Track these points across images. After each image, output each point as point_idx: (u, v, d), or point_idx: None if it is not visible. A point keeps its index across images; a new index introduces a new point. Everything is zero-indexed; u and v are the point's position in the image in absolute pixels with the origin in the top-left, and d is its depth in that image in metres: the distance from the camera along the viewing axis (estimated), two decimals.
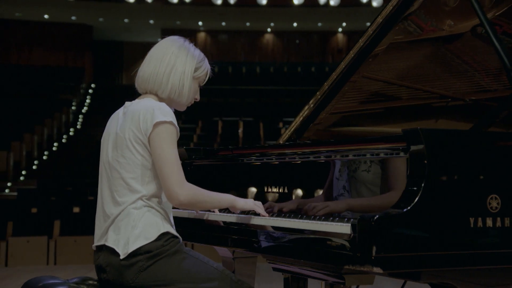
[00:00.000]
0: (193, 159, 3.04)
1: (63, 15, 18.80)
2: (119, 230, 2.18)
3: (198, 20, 19.72)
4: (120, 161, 2.23)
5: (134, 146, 2.21)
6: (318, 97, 3.03)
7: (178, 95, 2.32)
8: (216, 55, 20.56)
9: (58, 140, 14.87)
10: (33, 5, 17.53)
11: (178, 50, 2.34)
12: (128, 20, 19.59)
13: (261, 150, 2.68)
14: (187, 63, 2.33)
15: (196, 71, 2.36)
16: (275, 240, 2.18)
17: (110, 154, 2.27)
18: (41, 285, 2.22)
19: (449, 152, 1.91)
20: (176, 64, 2.31)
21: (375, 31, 2.84)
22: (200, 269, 2.18)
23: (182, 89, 2.32)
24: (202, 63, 2.39)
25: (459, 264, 1.88)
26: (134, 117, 2.22)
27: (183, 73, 2.31)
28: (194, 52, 2.37)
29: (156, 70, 2.30)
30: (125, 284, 2.16)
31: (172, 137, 2.18)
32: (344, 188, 2.22)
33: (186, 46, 2.37)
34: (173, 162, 2.15)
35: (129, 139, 2.21)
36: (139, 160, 2.20)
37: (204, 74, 2.40)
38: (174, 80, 2.30)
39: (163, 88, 2.30)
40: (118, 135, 2.25)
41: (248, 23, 19.85)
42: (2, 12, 18.46)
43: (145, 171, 2.21)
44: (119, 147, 2.24)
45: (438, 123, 3.39)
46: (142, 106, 2.23)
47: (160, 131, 2.16)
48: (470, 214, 1.89)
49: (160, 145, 2.16)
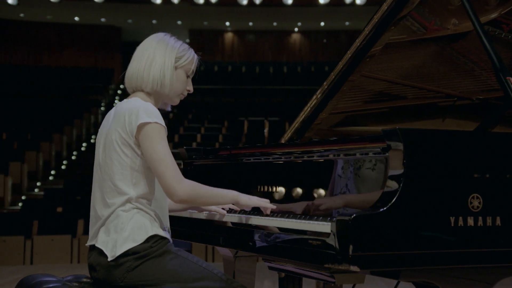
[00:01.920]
0: (194, 159, 3.05)
1: (93, 17, 19.07)
2: (109, 232, 2.21)
3: (225, 20, 19.78)
4: (108, 162, 2.25)
5: (120, 147, 2.23)
6: (318, 96, 3.04)
7: (161, 86, 2.33)
8: (243, 55, 20.61)
9: (87, 140, 15.10)
10: (64, 7, 17.82)
11: (157, 44, 2.36)
12: (156, 21, 19.76)
13: (258, 150, 2.70)
14: (167, 54, 2.34)
15: (178, 60, 2.37)
16: (261, 239, 2.19)
17: (101, 155, 2.30)
18: (35, 282, 2.25)
19: (428, 152, 1.91)
20: (156, 57, 2.33)
21: (371, 31, 2.83)
22: (188, 269, 2.20)
23: (163, 79, 2.32)
24: (185, 53, 2.39)
25: (440, 263, 1.88)
26: (120, 119, 2.24)
27: (163, 64, 2.33)
28: (175, 44, 2.38)
29: (138, 66, 2.34)
30: (114, 283, 2.19)
31: (160, 135, 2.19)
32: (346, 187, 2.22)
33: (165, 40, 2.38)
34: (166, 159, 2.17)
35: (115, 141, 2.23)
36: (125, 161, 2.22)
37: (188, 62, 2.40)
38: (155, 72, 2.32)
39: (145, 82, 2.32)
40: (107, 136, 2.29)
41: (275, 23, 19.84)
42: (34, 15, 18.82)
43: (132, 173, 2.22)
44: (107, 149, 2.27)
45: (445, 122, 3.36)
46: (127, 107, 2.25)
47: (147, 131, 2.18)
48: (451, 213, 1.88)
49: (150, 146, 2.18)
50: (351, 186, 2.17)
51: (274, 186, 2.53)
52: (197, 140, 13.17)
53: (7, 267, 7.64)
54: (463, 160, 1.96)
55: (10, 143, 12.94)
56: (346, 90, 3.05)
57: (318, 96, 3.04)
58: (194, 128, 14.39)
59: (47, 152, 13.22)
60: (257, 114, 15.42)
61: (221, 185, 2.78)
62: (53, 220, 8.49)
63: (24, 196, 11.46)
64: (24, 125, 14.15)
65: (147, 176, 2.25)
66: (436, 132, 1.98)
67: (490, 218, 1.93)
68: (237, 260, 2.95)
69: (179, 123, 14.91)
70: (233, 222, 2.46)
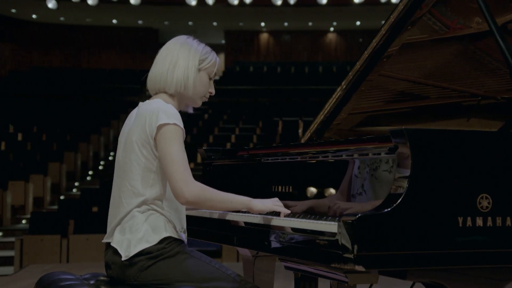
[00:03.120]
0: (212, 159, 3.07)
1: (130, 19, 19.35)
2: (124, 232, 2.24)
3: (260, 21, 19.82)
4: (127, 162, 2.28)
5: (139, 148, 2.25)
6: (337, 96, 3.03)
7: (184, 87, 2.35)
8: (278, 56, 20.61)
9: None
10: (102, 10, 18.13)
11: (180, 46, 2.37)
12: (192, 23, 19.94)
13: (272, 150, 2.71)
14: (190, 57, 2.36)
15: (202, 63, 2.38)
16: (270, 238, 2.21)
17: (121, 155, 2.34)
18: (53, 279, 2.31)
19: (435, 152, 1.89)
20: (179, 59, 2.35)
21: (388, 31, 2.82)
22: (201, 269, 2.22)
23: (187, 82, 2.34)
24: (208, 55, 2.40)
25: (447, 264, 1.87)
26: (141, 120, 2.27)
27: (186, 66, 2.35)
28: (198, 47, 2.40)
29: (161, 69, 2.36)
30: (128, 281, 2.23)
31: (177, 137, 2.21)
32: (362, 187, 2.21)
33: (188, 42, 2.40)
34: (177, 160, 2.18)
35: (135, 142, 2.26)
36: (143, 162, 2.25)
37: (211, 65, 2.41)
38: (178, 74, 2.34)
39: (169, 84, 2.34)
40: (127, 136, 2.31)
41: (310, 22, 19.79)
42: (73, 19, 19.21)
43: (149, 174, 2.25)
44: (127, 149, 2.30)
45: (470, 122, 3.30)
46: (149, 108, 2.28)
47: (164, 132, 2.20)
48: (459, 213, 1.87)
49: (165, 146, 2.20)
50: (360, 186, 2.16)
51: (286, 186, 2.54)
52: (231, 141, 13.22)
53: (44, 265, 7.80)
54: (471, 160, 1.94)
55: (49, 144, 13.23)
56: (365, 90, 3.03)
57: (337, 96, 3.04)
58: (228, 129, 14.45)
59: (85, 153, 13.47)
60: (292, 114, 15.39)
61: (239, 185, 2.86)
62: (88, 220, 8.64)
63: (63, 196, 11.70)
64: (63, 126, 14.44)
65: (163, 178, 2.27)
66: (443, 132, 1.97)
67: (500, 218, 1.91)
68: (256, 260, 2.95)
69: (213, 124, 14.99)
70: (245, 222, 2.48)
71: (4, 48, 19.26)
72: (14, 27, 19.21)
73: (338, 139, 2.45)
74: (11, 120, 14.73)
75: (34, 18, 19.29)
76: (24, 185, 11.08)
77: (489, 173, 1.95)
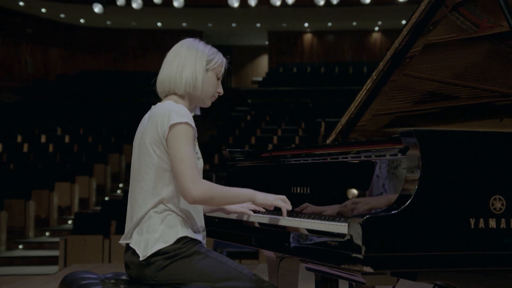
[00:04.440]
0: (237, 161, 3.08)
1: (175, 22, 19.57)
2: (142, 232, 2.28)
3: (304, 21, 19.75)
4: (142, 164, 2.32)
5: (153, 149, 2.29)
6: (361, 96, 2.99)
7: (193, 88, 2.38)
8: (322, 56, 20.50)
9: None
10: (146, 14, 18.38)
11: (187, 49, 2.42)
12: (235, 25, 20.02)
13: (298, 151, 2.71)
14: (197, 58, 2.40)
15: (209, 63, 2.42)
16: (284, 239, 2.22)
17: (135, 158, 2.38)
18: (76, 278, 2.38)
19: (446, 153, 1.88)
20: (187, 61, 2.39)
21: (410, 31, 2.77)
22: (217, 269, 2.24)
23: (196, 82, 2.38)
24: (214, 56, 2.44)
25: (458, 265, 1.86)
26: (153, 121, 2.31)
27: (194, 67, 2.38)
28: (204, 48, 2.43)
29: (169, 71, 2.40)
30: (146, 281, 2.27)
31: (187, 137, 2.24)
32: (383, 187, 2.19)
33: (195, 44, 2.44)
34: (186, 160, 2.21)
35: (149, 143, 2.30)
36: (157, 163, 2.28)
37: (218, 65, 2.44)
38: (187, 75, 2.38)
39: (178, 85, 2.39)
40: (141, 139, 2.36)
41: (354, 22, 19.60)
42: (119, 22, 19.57)
43: (164, 173, 2.28)
44: (141, 151, 2.34)
45: (503, 122, 3.20)
46: (161, 110, 2.32)
47: (175, 131, 2.24)
48: (471, 215, 1.86)
49: (175, 145, 2.23)
50: (373, 187, 2.16)
51: (304, 187, 2.54)
52: (273, 142, 13.20)
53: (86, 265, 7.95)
54: (484, 160, 1.91)
55: (95, 146, 13.50)
56: (389, 91, 2.99)
57: (361, 97, 3.00)
58: (271, 130, 14.42)
59: (129, 155, 13.65)
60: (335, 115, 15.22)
61: (262, 186, 2.78)
62: None
63: (107, 197, 11.91)
64: (109, 128, 14.71)
65: (175, 176, 2.28)
66: (454, 132, 1.95)
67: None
68: (279, 260, 2.94)
69: (256, 125, 15.00)
70: (259, 223, 2.50)
71: (53, 52, 19.76)
72: (62, 32, 19.70)
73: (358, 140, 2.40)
74: (59, 123, 15.09)
75: (82, 22, 19.73)
76: (70, 186, 11.32)
77: (502, 174, 1.91)
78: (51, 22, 19.31)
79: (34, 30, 19.05)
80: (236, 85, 22.24)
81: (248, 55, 23.01)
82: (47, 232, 10.36)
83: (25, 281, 7.11)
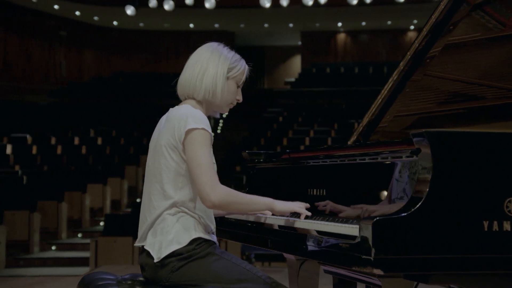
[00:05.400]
0: (256, 163, 3.10)
1: (207, 23, 19.60)
2: (156, 234, 2.30)
3: (337, 21, 19.56)
4: (156, 166, 2.34)
5: (168, 152, 2.30)
6: (382, 97, 2.98)
7: (212, 95, 2.39)
8: (356, 56, 20.26)
9: None
10: (179, 15, 18.47)
11: (211, 54, 2.42)
12: (268, 25, 19.94)
13: (315, 153, 2.70)
14: (220, 65, 2.40)
15: (230, 71, 2.42)
16: (296, 241, 2.25)
17: (150, 160, 2.40)
18: (94, 279, 2.42)
19: (458, 154, 1.87)
20: (209, 67, 2.39)
21: (429, 31, 2.72)
22: (231, 271, 2.26)
23: (215, 89, 2.39)
24: (237, 63, 2.45)
25: (472, 268, 1.84)
26: (170, 125, 2.32)
27: (215, 74, 2.39)
28: (228, 54, 2.44)
29: (191, 75, 2.40)
30: (160, 283, 2.30)
31: (204, 141, 2.25)
32: (404, 191, 2.16)
33: (218, 49, 2.44)
34: (204, 164, 2.23)
35: (164, 146, 2.31)
36: (172, 166, 2.30)
37: (240, 73, 2.46)
38: (207, 82, 2.38)
39: (197, 91, 2.39)
40: (157, 141, 2.37)
41: (389, 21, 19.32)
42: (152, 24, 19.69)
43: (179, 177, 2.30)
44: (156, 153, 2.36)
45: None
46: (178, 114, 2.33)
47: (192, 136, 2.25)
48: (484, 217, 1.84)
49: (192, 150, 2.25)
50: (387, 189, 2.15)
51: (321, 189, 2.55)
52: (305, 143, 13.07)
53: (116, 266, 7.97)
54: (497, 162, 1.89)
55: (126, 148, 13.58)
56: (410, 91, 2.95)
57: (382, 97, 2.98)
58: (303, 131, 14.30)
59: None
60: None
61: (281, 188, 2.92)
62: None
63: (139, 199, 11.95)
64: (141, 130, 14.78)
65: (192, 181, 2.31)
66: (467, 134, 1.93)
67: None
68: (299, 262, 2.95)
69: (288, 126, 14.89)
70: (273, 224, 2.51)
71: (87, 55, 20.00)
72: (96, 34, 19.91)
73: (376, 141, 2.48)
74: (92, 125, 15.24)
75: (115, 24, 19.92)
76: (102, 188, 11.41)
77: None
78: (85, 24, 19.54)
79: (68, 33, 19.31)
80: (268, 86, 22.17)
81: (280, 56, 22.92)
82: (79, 234, 10.45)
83: (54, 283, 7.15)
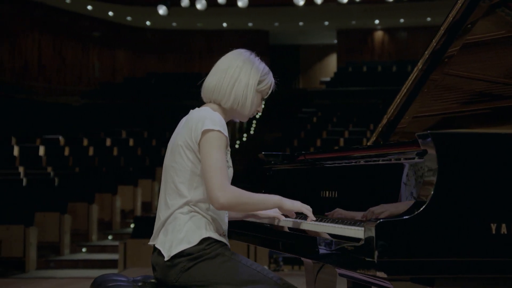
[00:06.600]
0: (272, 164, 3.11)
1: (240, 22, 19.41)
2: (167, 233, 2.31)
3: (374, 18, 19.13)
4: (173, 165, 2.36)
5: (185, 152, 2.33)
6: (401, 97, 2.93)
7: (241, 106, 2.42)
8: (394, 54, 19.80)
9: (231, 145, 15.25)
10: (212, 15, 18.32)
11: (243, 63, 2.42)
12: (302, 23, 19.64)
13: (332, 154, 2.69)
14: (251, 76, 2.41)
15: (260, 84, 2.43)
16: (304, 243, 2.26)
17: (168, 159, 2.42)
18: (105, 280, 2.45)
19: (464, 156, 1.86)
20: (240, 76, 2.40)
21: (447, 29, 2.70)
22: (241, 272, 2.27)
23: (245, 101, 2.41)
24: (266, 76, 2.45)
25: (479, 272, 1.83)
26: (189, 125, 2.35)
27: (246, 85, 2.40)
28: (259, 66, 2.45)
29: (221, 81, 2.40)
30: (170, 283, 2.31)
31: (219, 144, 2.27)
32: (411, 194, 2.12)
33: (251, 60, 2.44)
34: (215, 166, 2.24)
35: (181, 145, 2.34)
36: (188, 166, 2.32)
37: (267, 87, 2.47)
38: (238, 92, 2.40)
39: (226, 99, 2.40)
40: (175, 140, 2.39)
41: (428, 18, 18.77)
42: (185, 24, 19.58)
43: (194, 177, 2.32)
44: (173, 152, 2.38)
45: None
46: (197, 115, 2.35)
47: (208, 138, 2.28)
48: (492, 220, 1.83)
49: (206, 150, 2.27)
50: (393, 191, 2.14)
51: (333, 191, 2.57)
52: (339, 144, 12.72)
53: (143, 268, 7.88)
54: (506, 163, 1.87)
55: (158, 150, 13.42)
56: (428, 92, 2.88)
57: (401, 97, 2.93)
58: (337, 132, 13.93)
59: None
60: None
61: (297, 189, 2.95)
62: None
63: None
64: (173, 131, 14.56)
65: None
66: (473, 135, 1.93)
67: None
68: (316, 265, 2.96)
69: (322, 127, 14.53)
70: (275, 226, 2.54)
71: (120, 55, 19.98)
72: (129, 34, 19.88)
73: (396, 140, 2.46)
74: (124, 126, 15.15)
75: (148, 25, 19.86)
76: (133, 189, 11.28)
77: None
78: (118, 25, 19.53)
79: (101, 33, 19.33)
80: (304, 86, 21.84)
81: (316, 55, 22.56)
82: (109, 236, 10.36)
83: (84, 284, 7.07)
